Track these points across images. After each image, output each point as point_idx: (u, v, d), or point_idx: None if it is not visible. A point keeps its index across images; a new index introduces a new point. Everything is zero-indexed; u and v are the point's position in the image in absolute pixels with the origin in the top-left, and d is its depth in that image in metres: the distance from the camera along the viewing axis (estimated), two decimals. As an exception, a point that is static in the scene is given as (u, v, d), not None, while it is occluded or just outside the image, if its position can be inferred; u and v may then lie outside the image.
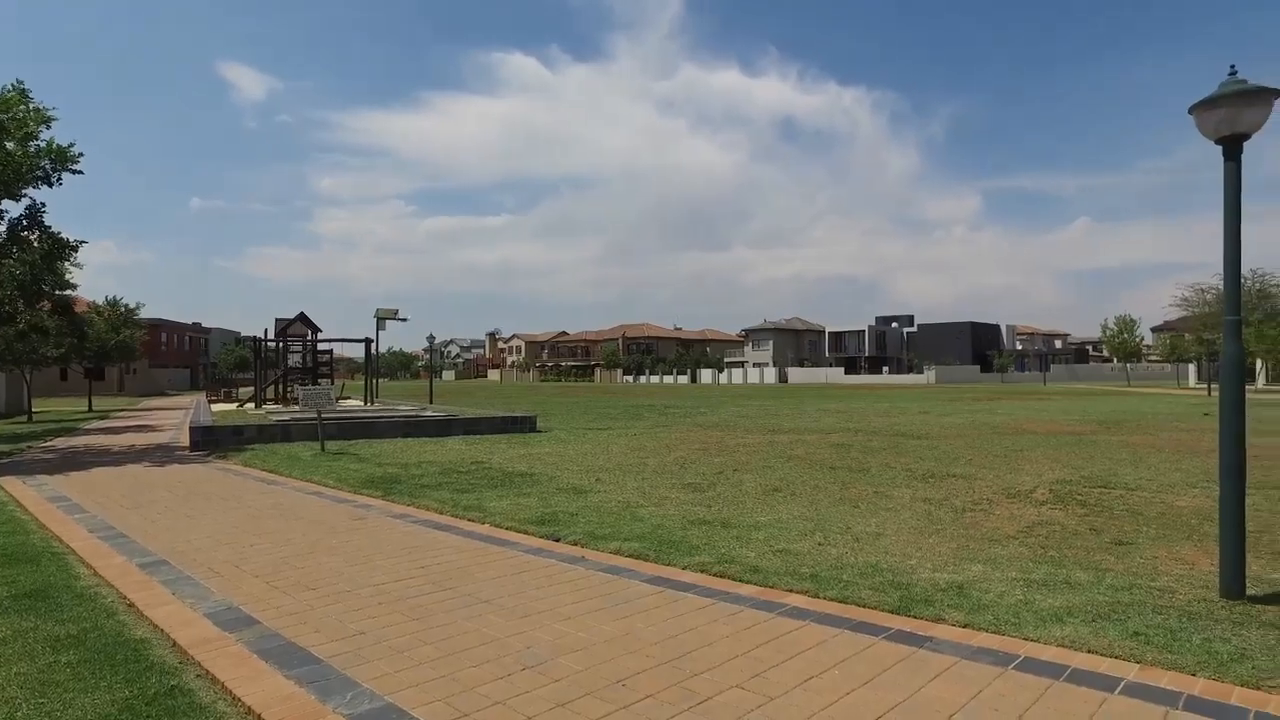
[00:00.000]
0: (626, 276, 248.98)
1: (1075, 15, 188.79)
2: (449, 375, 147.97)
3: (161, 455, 13.68)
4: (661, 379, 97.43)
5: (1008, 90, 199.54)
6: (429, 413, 20.24)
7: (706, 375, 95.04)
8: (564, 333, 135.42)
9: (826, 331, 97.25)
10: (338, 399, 20.69)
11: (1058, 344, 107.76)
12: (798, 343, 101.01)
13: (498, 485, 9.42)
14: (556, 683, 3.50)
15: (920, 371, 77.12)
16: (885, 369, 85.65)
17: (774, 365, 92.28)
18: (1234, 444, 4.57)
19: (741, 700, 3.31)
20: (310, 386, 18.44)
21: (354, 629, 4.25)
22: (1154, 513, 7.29)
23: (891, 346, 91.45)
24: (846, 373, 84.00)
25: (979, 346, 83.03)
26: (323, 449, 13.62)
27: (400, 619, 4.42)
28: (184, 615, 4.52)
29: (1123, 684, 3.43)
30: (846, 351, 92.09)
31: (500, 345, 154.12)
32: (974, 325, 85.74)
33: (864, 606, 4.55)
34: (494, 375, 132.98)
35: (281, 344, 26.69)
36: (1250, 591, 4.61)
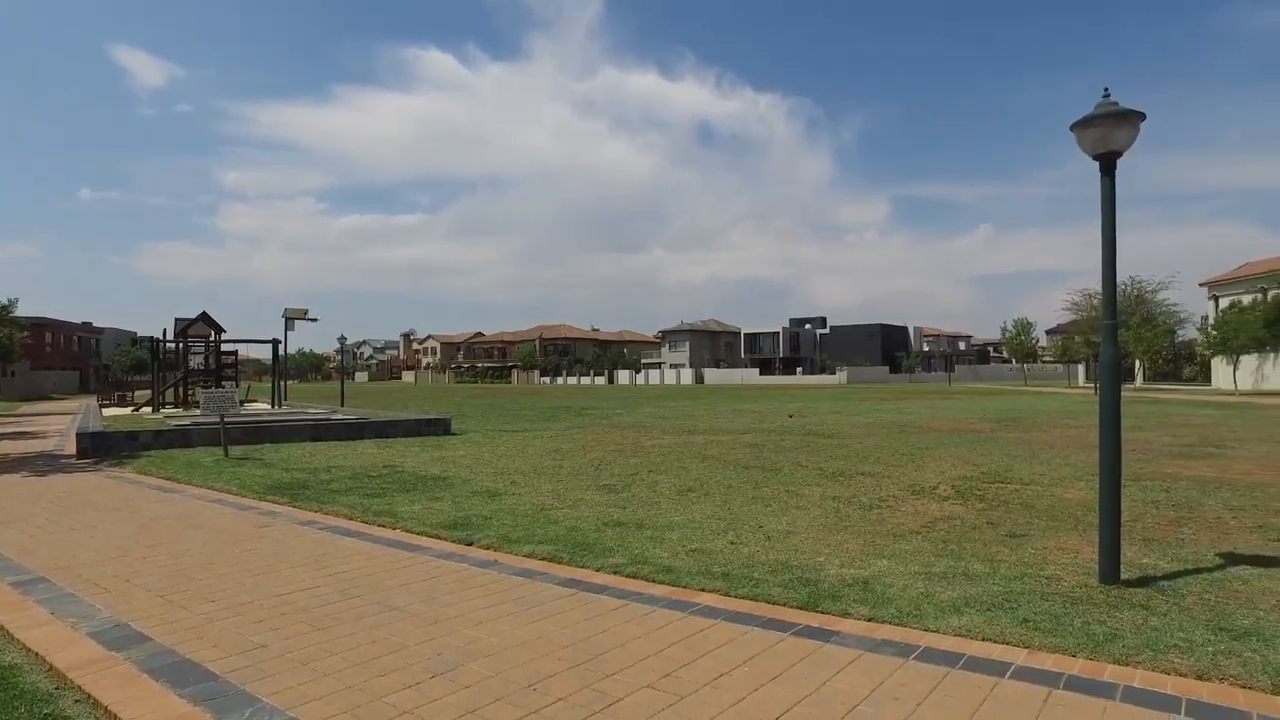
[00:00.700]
0: (544, 277, 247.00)
1: (977, 35, 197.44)
2: (362, 377, 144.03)
3: (44, 464, 12.83)
4: (579, 380, 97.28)
5: (916, 103, 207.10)
6: (340, 416, 19.68)
7: (624, 376, 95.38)
8: (480, 333, 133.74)
9: (742, 333, 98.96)
10: (243, 402, 19.89)
11: (962, 345, 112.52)
12: (714, 344, 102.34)
13: (410, 489, 9.23)
14: (467, 689, 3.46)
15: (833, 372, 79.32)
16: (799, 370, 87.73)
17: (690, 366, 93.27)
18: (1112, 439, 4.87)
19: (653, 700, 3.34)
20: (213, 389, 17.66)
21: (255, 641, 4.10)
22: (1045, 505, 7.69)
23: (805, 348, 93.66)
24: (762, 373, 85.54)
25: (888, 347, 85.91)
26: (226, 454, 13.06)
27: (305, 629, 4.29)
28: (64, 636, 4.24)
29: (1013, 668, 3.61)
30: (762, 353, 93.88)
31: (415, 346, 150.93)
32: (884, 327, 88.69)
33: (774, 604, 4.65)
34: (408, 377, 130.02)
35: (182, 345, 25.49)
36: (1124, 576, 4.92)
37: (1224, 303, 49.81)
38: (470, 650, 3.94)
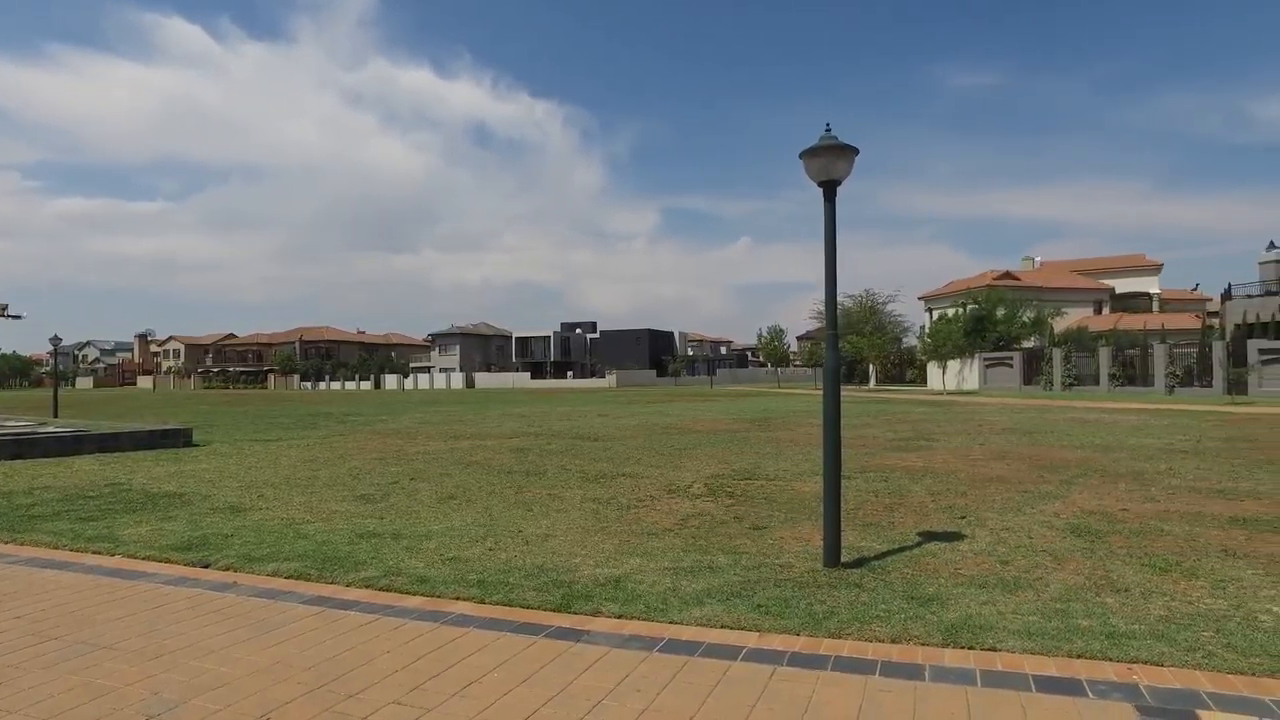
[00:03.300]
0: (306, 276, 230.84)
1: (738, 63, 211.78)
2: (85, 383, 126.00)
3: None
4: (343, 385, 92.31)
5: (682, 118, 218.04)
6: (50, 428, 17.12)
7: (391, 381, 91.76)
8: (232, 335, 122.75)
9: (514, 336, 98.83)
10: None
11: (723, 350, 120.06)
12: (486, 347, 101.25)
13: (137, 509, 8.26)
14: (187, 728, 3.17)
15: (603, 375, 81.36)
16: (570, 373, 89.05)
17: (461, 370, 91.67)
18: (833, 438, 5.45)
19: (397, 715, 3.25)
20: None
21: (-85, 700, 3.48)
22: (785, 499, 8.40)
23: (576, 351, 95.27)
24: (533, 377, 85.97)
25: (656, 352, 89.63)
26: (-112, 479, 10.91)
27: (-16, 680, 3.70)
28: None
29: (744, 651, 3.92)
30: (534, 356, 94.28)
31: (154, 349, 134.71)
32: (651, 332, 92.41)
33: (528, 608, 4.70)
34: (145, 382, 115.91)
35: None
36: (844, 559, 5.52)
37: (936, 314, 57.18)
38: (196, 685, 3.60)
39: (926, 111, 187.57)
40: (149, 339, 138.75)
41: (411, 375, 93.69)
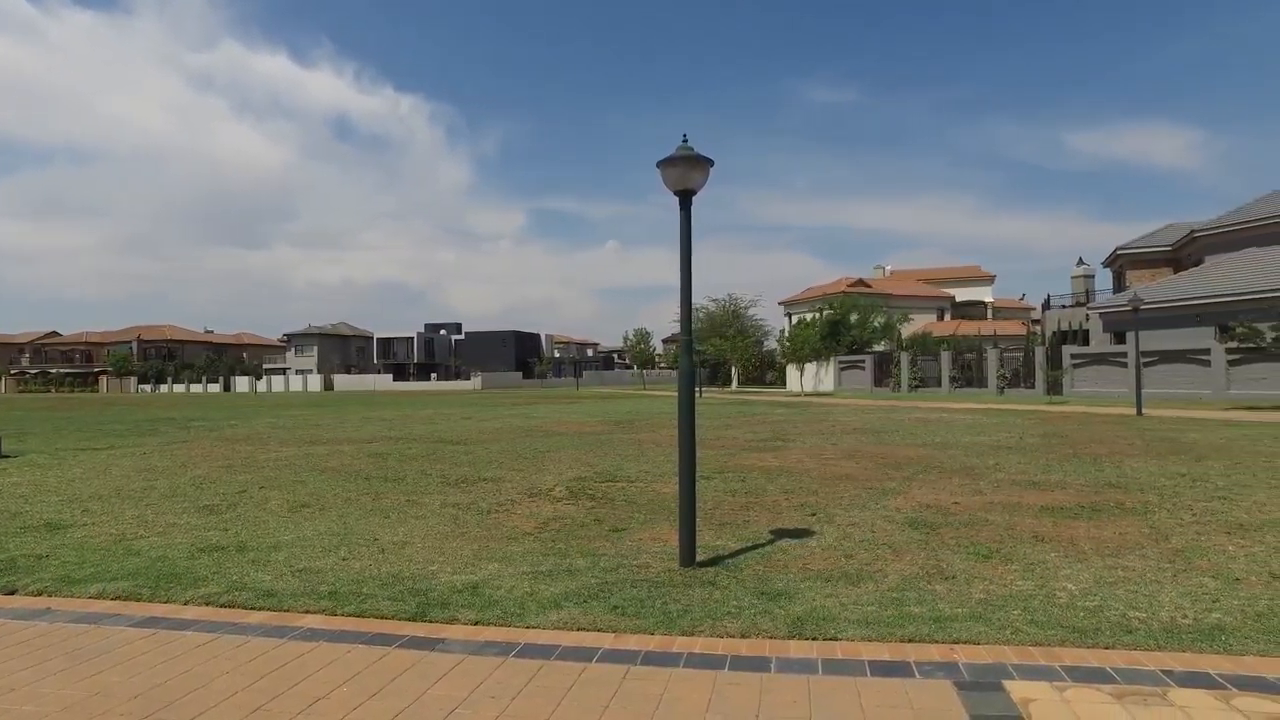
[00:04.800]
0: (146, 271, 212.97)
1: (606, 63, 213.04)
2: None
3: None
4: (188, 388, 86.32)
5: (551, 119, 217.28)
6: None
7: (243, 383, 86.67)
8: (55, 333, 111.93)
9: (375, 338, 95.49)
10: None
11: (590, 352, 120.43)
12: (345, 349, 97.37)
13: (-70, 530, 7.41)
14: (-10, 767, 2.90)
15: (468, 378, 79.88)
16: (434, 375, 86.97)
17: (319, 372, 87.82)
18: (688, 440, 5.61)
19: (234, 739, 3.10)
20: None
21: None
22: (645, 500, 8.55)
23: (440, 353, 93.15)
24: (395, 379, 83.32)
25: (522, 354, 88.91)
26: None
27: None
28: None
29: (600, 652, 3.98)
30: (396, 358, 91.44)
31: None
32: (517, 334, 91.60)
33: (382, 618, 4.57)
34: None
35: None
36: (700, 558, 5.68)
37: (795, 319, 59.63)
38: (-1, 720, 3.30)
39: (787, 124, 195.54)
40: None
41: (265, 377, 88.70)
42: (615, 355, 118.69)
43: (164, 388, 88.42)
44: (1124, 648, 3.91)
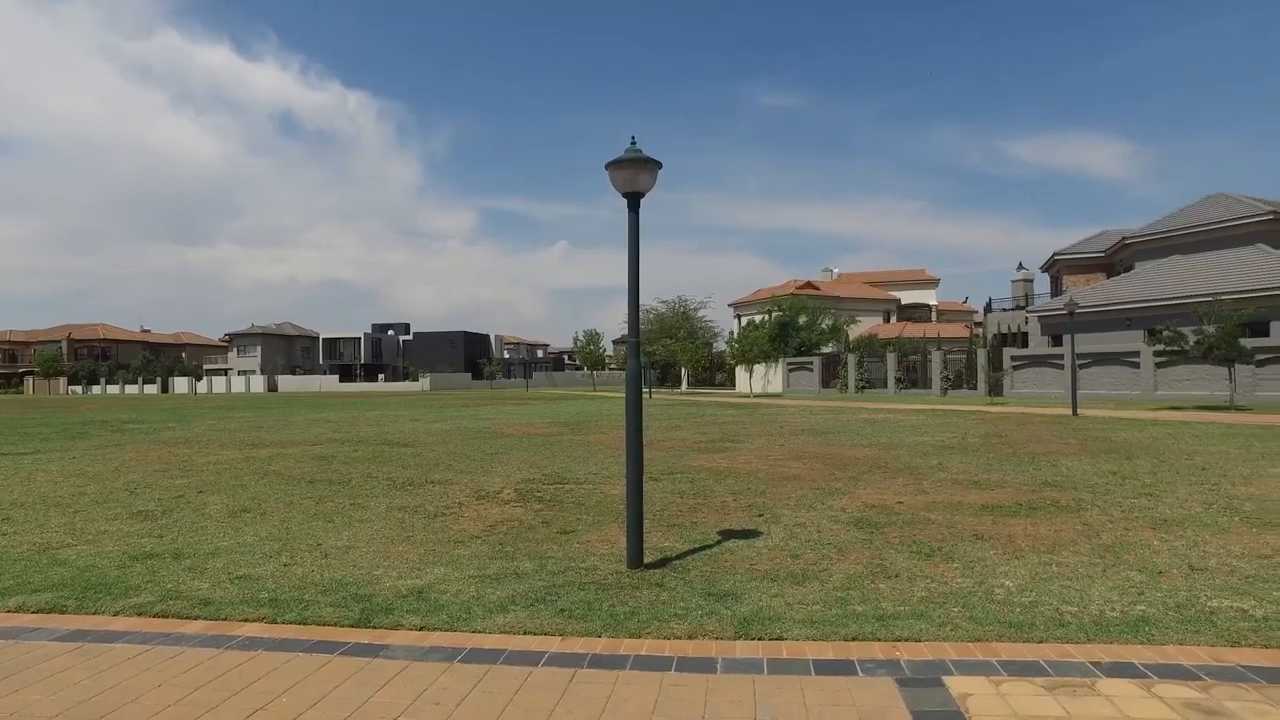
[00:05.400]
0: (78, 268, 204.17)
1: (553, 67, 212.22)
2: None
3: None
4: (123, 389, 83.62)
5: (501, 118, 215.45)
6: None
7: (182, 384, 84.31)
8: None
9: (321, 338, 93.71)
10: None
11: (540, 353, 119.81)
12: (290, 349, 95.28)
13: None
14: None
15: (416, 379, 78.83)
16: (381, 376, 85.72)
17: (263, 373, 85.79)
18: (635, 441, 5.63)
19: (167, 753, 3.01)
20: None
21: None
22: (594, 502, 8.54)
23: (388, 354, 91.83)
24: (342, 380, 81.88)
25: (471, 355, 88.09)
26: None
27: None
28: None
29: (546, 656, 3.97)
30: (342, 359, 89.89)
31: None
32: (467, 335, 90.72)
33: (324, 625, 4.49)
34: None
35: None
36: (647, 560, 5.70)
37: (744, 321, 60.17)
38: (-86, 739, 3.15)
39: (736, 128, 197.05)
40: None
41: (206, 378, 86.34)
42: (566, 356, 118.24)
43: (96, 389, 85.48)
44: (1057, 641, 4.04)
